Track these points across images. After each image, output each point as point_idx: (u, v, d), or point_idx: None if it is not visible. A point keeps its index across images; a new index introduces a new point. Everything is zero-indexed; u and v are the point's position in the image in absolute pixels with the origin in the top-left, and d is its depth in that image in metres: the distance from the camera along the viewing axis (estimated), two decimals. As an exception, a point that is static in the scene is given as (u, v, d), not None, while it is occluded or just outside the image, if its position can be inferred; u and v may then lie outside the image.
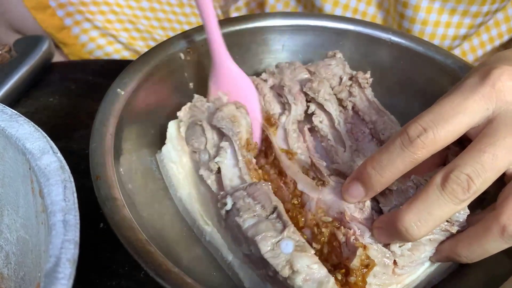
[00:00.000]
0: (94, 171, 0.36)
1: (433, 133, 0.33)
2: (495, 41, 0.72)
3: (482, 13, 0.66)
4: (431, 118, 0.33)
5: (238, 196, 0.37)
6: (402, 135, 0.34)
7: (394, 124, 0.45)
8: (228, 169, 0.41)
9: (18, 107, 0.57)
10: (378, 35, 0.53)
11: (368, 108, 0.47)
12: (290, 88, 0.47)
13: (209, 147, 0.43)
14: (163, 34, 0.75)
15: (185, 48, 0.49)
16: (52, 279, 0.23)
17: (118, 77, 0.44)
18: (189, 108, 0.46)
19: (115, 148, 0.39)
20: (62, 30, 0.70)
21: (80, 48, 0.72)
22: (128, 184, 0.39)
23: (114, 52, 0.73)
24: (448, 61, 0.51)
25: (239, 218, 0.36)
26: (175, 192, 0.43)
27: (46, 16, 0.69)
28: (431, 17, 0.66)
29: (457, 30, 0.68)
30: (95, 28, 0.72)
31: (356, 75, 0.49)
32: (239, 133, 0.42)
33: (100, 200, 0.35)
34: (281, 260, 0.33)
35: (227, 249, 0.39)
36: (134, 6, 0.72)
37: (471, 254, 0.34)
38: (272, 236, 0.34)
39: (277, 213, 0.36)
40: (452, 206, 0.32)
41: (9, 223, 0.33)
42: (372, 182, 0.35)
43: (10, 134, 0.30)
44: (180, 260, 0.37)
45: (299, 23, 0.54)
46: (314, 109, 0.46)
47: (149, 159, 0.45)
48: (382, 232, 0.36)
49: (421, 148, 0.33)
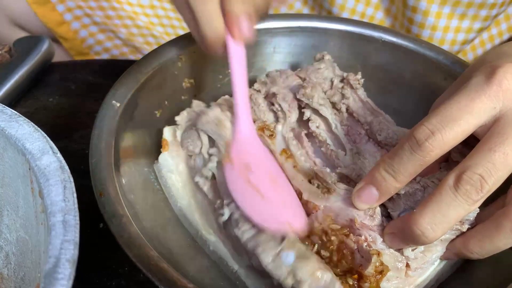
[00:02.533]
0: (97, 188, 0.36)
1: (441, 136, 0.33)
2: (495, 39, 0.72)
3: (492, 16, 0.65)
4: (438, 120, 0.33)
5: (235, 206, 0.36)
6: (410, 139, 0.34)
7: (390, 124, 0.45)
8: (221, 175, 0.40)
9: (18, 107, 0.57)
10: (369, 33, 0.53)
11: (362, 109, 0.47)
12: (284, 96, 0.46)
13: (204, 151, 0.42)
14: (163, 31, 0.75)
15: (177, 55, 0.48)
16: (52, 279, 0.23)
17: (111, 88, 0.43)
18: (187, 113, 0.45)
19: (115, 161, 0.39)
20: (62, 25, 0.71)
21: (79, 43, 0.73)
22: (130, 195, 0.39)
23: (113, 47, 0.74)
24: (440, 57, 0.51)
25: (237, 230, 0.35)
26: (175, 203, 0.43)
27: (46, 11, 0.69)
28: (441, 22, 0.66)
29: (466, 35, 0.68)
30: (95, 24, 0.72)
31: (348, 77, 0.48)
32: (224, 137, 0.41)
33: (106, 217, 0.34)
34: (283, 271, 0.33)
35: (232, 259, 0.39)
36: (133, 3, 0.72)
37: (482, 250, 0.34)
38: (272, 248, 0.34)
39: None
40: (466, 206, 0.32)
41: (9, 223, 0.33)
42: (387, 185, 0.35)
43: (10, 134, 0.30)
44: (187, 272, 0.36)
45: (290, 25, 0.53)
46: (310, 115, 0.46)
47: (146, 170, 0.44)
48: (395, 237, 0.35)
49: (430, 151, 0.33)
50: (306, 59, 0.54)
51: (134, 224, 0.34)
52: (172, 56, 0.48)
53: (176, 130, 0.45)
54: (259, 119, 0.45)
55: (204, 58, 0.50)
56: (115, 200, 0.35)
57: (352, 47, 0.54)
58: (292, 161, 0.42)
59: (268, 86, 0.48)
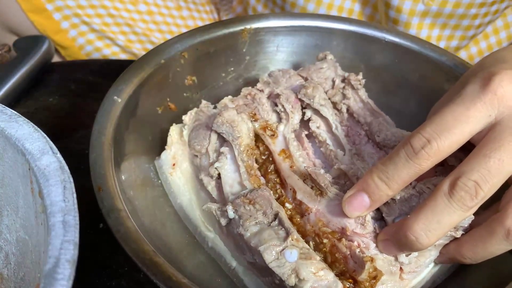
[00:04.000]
0: (95, 182, 0.36)
1: (437, 144, 0.33)
2: (494, 48, 0.72)
3: (474, 26, 0.66)
4: (434, 129, 0.33)
5: (238, 204, 0.37)
6: (406, 146, 0.34)
7: (389, 125, 0.45)
8: (228, 175, 0.41)
9: (18, 107, 0.57)
10: (372, 34, 0.53)
11: (363, 110, 0.47)
12: (287, 97, 0.46)
13: (210, 150, 0.43)
14: (161, 37, 0.75)
15: (180, 52, 0.48)
16: (52, 280, 0.23)
17: (113, 84, 0.43)
18: (195, 113, 0.46)
19: (115, 156, 0.39)
20: (59, 33, 0.71)
21: (77, 51, 0.73)
22: (130, 191, 0.39)
23: (111, 54, 0.74)
24: (443, 58, 0.51)
25: (241, 227, 0.35)
26: (175, 199, 0.43)
27: (42, 19, 0.69)
28: (422, 33, 0.66)
29: (448, 42, 0.68)
30: (92, 31, 0.72)
31: (349, 77, 0.48)
32: (239, 138, 0.42)
33: (104, 212, 0.34)
34: (287, 269, 0.33)
35: (230, 256, 0.39)
36: (131, 9, 0.72)
37: (475, 255, 0.34)
38: (276, 245, 0.34)
39: (279, 220, 0.36)
40: (460, 213, 0.32)
41: (9, 223, 0.33)
42: (380, 193, 0.35)
43: (10, 135, 0.30)
44: (184, 267, 0.37)
45: (293, 24, 0.53)
46: (310, 115, 0.46)
47: (147, 166, 0.45)
48: (389, 244, 0.35)
49: (426, 160, 0.33)
50: (309, 58, 0.54)
51: (131, 219, 0.34)
52: (175, 53, 0.48)
53: (183, 129, 0.45)
54: (262, 118, 0.45)
55: (206, 56, 0.50)
56: (113, 194, 0.35)
57: (355, 47, 0.54)
58: (290, 161, 0.42)
59: (271, 86, 0.48)
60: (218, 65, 0.52)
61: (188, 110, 0.47)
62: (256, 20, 0.52)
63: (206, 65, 0.51)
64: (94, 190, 0.35)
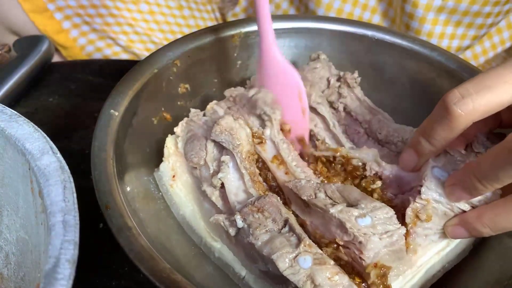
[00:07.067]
0: (101, 200, 0.35)
1: (471, 101, 0.31)
2: (498, 47, 0.72)
3: (487, 24, 0.66)
4: (472, 85, 0.32)
5: (246, 212, 0.36)
6: (441, 103, 0.33)
7: (389, 122, 0.45)
8: (232, 183, 0.40)
9: (18, 107, 0.57)
10: (362, 32, 0.53)
11: (360, 108, 0.47)
12: (264, 99, 0.44)
13: (209, 160, 0.42)
14: (162, 36, 0.75)
15: (172, 60, 0.48)
16: (52, 279, 0.23)
17: (109, 97, 0.43)
18: (186, 123, 0.45)
19: (117, 172, 0.38)
20: (61, 33, 0.70)
21: (78, 51, 0.72)
22: (135, 204, 0.39)
23: (112, 54, 0.73)
24: (433, 54, 0.51)
25: (251, 236, 0.35)
26: (177, 211, 0.43)
27: (44, 19, 0.68)
28: (437, 29, 0.66)
29: (461, 42, 0.68)
30: (94, 31, 0.72)
31: (344, 76, 0.48)
32: (239, 146, 0.41)
33: (114, 231, 0.34)
34: (302, 276, 0.32)
35: (240, 265, 0.39)
36: (132, 9, 0.72)
37: (495, 225, 0.34)
38: (289, 252, 0.33)
39: (289, 226, 0.35)
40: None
41: (9, 223, 0.33)
42: (422, 149, 0.36)
43: (10, 135, 0.30)
44: (193, 279, 0.36)
45: (282, 27, 0.53)
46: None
47: (146, 179, 0.44)
48: (455, 188, 0.35)
49: (457, 116, 0.32)
50: (300, 59, 0.54)
51: (142, 236, 0.34)
52: (167, 61, 0.47)
53: (178, 141, 0.44)
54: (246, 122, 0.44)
55: (198, 62, 0.50)
56: (121, 212, 0.35)
57: (345, 46, 0.54)
58: (284, 167, 0.41)
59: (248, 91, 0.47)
60: (210, 71, 0.51)
61: (183, 118, 0.46)
62: (245, 24, 0.52)
63: (199, 72, 0.50)
64: (101, 208, 0.35)
